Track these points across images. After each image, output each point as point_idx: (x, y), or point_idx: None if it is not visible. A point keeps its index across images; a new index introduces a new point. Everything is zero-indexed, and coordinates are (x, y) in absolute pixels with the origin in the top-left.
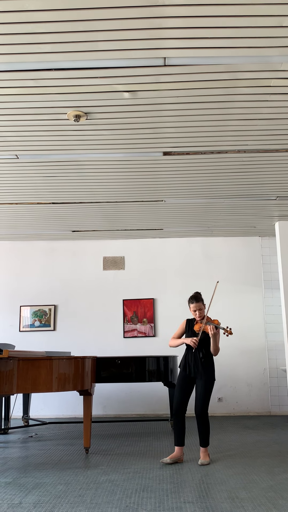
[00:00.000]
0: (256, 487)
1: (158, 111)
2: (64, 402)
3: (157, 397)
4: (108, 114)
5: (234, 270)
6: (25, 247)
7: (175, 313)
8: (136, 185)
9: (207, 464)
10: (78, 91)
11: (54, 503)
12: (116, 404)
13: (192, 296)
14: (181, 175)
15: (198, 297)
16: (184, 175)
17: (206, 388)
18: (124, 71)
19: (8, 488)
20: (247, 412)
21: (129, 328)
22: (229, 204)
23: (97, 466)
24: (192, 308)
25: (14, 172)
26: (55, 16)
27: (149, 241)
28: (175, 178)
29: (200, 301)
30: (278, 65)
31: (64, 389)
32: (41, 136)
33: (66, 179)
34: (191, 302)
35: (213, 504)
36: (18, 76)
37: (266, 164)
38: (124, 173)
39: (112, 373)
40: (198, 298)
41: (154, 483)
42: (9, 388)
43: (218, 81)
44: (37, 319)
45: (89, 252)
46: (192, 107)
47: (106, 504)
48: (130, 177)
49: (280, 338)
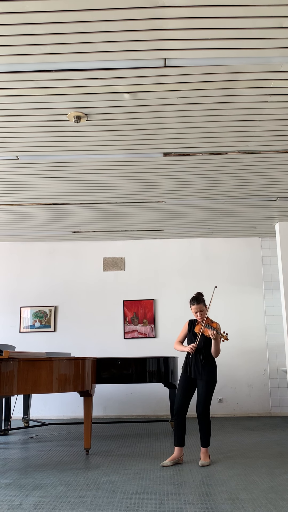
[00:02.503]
0: (257, 488)
1: (158, 112)
2: (65, 403)
3: (158, 398)
4: (108, 115)
5: (235, 271)
6: (26, 248)
7: (175, 314)
8: (136, 186)
9: (208, 465)
10: (78, 92)
11: (54, 504)
12: (117, 405)
13: (193, 298)
14: (181, 176)
15: (199, 298)
16: (185, 176)
17: (207, 389)
18: (124, 72)
19: (8, 489)
20: (248, 413)
21: (130, 329)
22: (229, 205)
23: (98, 467)
24: (193, 309)
25: (15, 173)
26: (55, 17)
27: (149, 242)
28: (176, 179)
29: (201, 302)
30: (278, 66)
31: (64, 390)
32: (41, 137)
33: (67, 180)
34: (192, 303)
35: (213, 505)
36: (18, 77)
37: (266, 165)
38: (124, 174)
39: (113, 374)
40: (199, 300)
41: (154, 484)
42: (9, 389)
43: (218, 82)
44: (37, 320)
45: (90, 253)
46: (192, 108)
47: (106, 505)
48: (130, 178)
49: (281, 339)
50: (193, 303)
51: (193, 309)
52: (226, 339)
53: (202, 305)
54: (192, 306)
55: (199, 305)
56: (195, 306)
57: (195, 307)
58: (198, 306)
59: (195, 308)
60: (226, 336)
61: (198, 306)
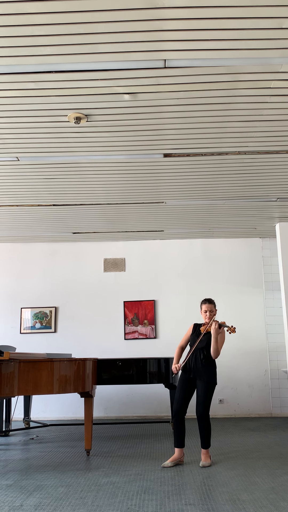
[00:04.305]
0: (258, 489)
1: (158, 113)
2: (65, 404)
3: (158, 399)
4: (108, 116)
5: (235, 272)
6: (26, 249)
7: (176, 314)
8: (136, 186)
9: (208, 466)
10: (78, 93)
11: (55, 505)
12: (117, 406)
13: (206, 299)
14: (181, 177)
15: (211, 300)
16: (185, 177)
17: (207, 390)
18: (124, 73)
19: (9, 490)
20: (248, 413)
21: (130, 330)
22: (229, 206)
23: (98, 468)
24: (204, 308)
25: (15, 174)
26: (55, 18)
27: (149, 243)
28: (176, 179)
29: (212, 303)
30: (278, 66)
31: (65, 391)
32: (41, 138)
33: (67, 181)
34: (204, 303)
35: (214, 506)
36: (18, 79)
37: (266, 166)
38: (124, 175)
39: (113, 375)
40: (211, 301)
41: (155, 485)
42: (10, 390)
43: (218, 83)
44: (38, 321)
45: (90, 254)
46: (192, 108)
47: (107, 506)
48: (130, 179)
49: (281, 339)
50: (205, 302)
51: (204, 308)
52: (234, 332)
53: (213, 306)
54: (203, 305)
55: (211, 305)
56: (206, 305)
57: (206, 306)
58: (209, 306)
59: (205, 307)
60: (233, 329)
61: (209, 305)
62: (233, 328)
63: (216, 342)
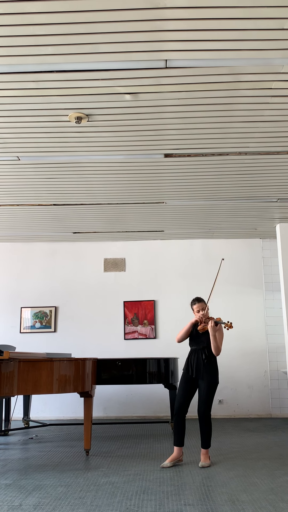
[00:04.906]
0: (257, 490)
1: (159, 113)
2: (65, 404)
3: (158, 399)
4: (109, 116)
5: (235, 272)
6: (26, 249)
7: (176, 315)
8: (137, 187)
9: (208, 466)
10: (79, 93)
11: (54, 505)
12: (117, 406)
13: (195, 298)
14: (182, 177)
15: (200, 298)
16: (185, 177)
17: (208, 390)
18: (125, 73)
19: (8, 490)
20: (248, 414)
21: (130, 330)
22: (230, 206)
23: (98, 468)
24: (196, 308)
25: (15, 174)
26: (56, 18)
27: (150, 243)
28: (176, 180)
29: (201, 301)
30: (279, 67)
31: (64, 391)
32: (42, 138)
33: (67, 181)
34: (194, 303)
35: (213, 507)
36: (19, 78)
37: (267, 166)
38: (125, 175)
39: (113, 375)
40: (200, 299)
41: (154, 485)
42: (9, 390)
43: (220, 83)
44: (37, 320)
45: (90, 254)
46: (193, 109)
47: (106, 506)
48: (131, 179)
49: (281, 340)
50: (195, 302)
51: (195, 308)
52: (231, 327)
53: (204, 304)
54: (194, 306)
55: (200, 303)
56: (196, 305)
57: (196, 306)
58: (200, 305)
59: (197, 307)
60: (230, 324)
61: (199, 304)
62: (230, 323)
63: (215, 340)
